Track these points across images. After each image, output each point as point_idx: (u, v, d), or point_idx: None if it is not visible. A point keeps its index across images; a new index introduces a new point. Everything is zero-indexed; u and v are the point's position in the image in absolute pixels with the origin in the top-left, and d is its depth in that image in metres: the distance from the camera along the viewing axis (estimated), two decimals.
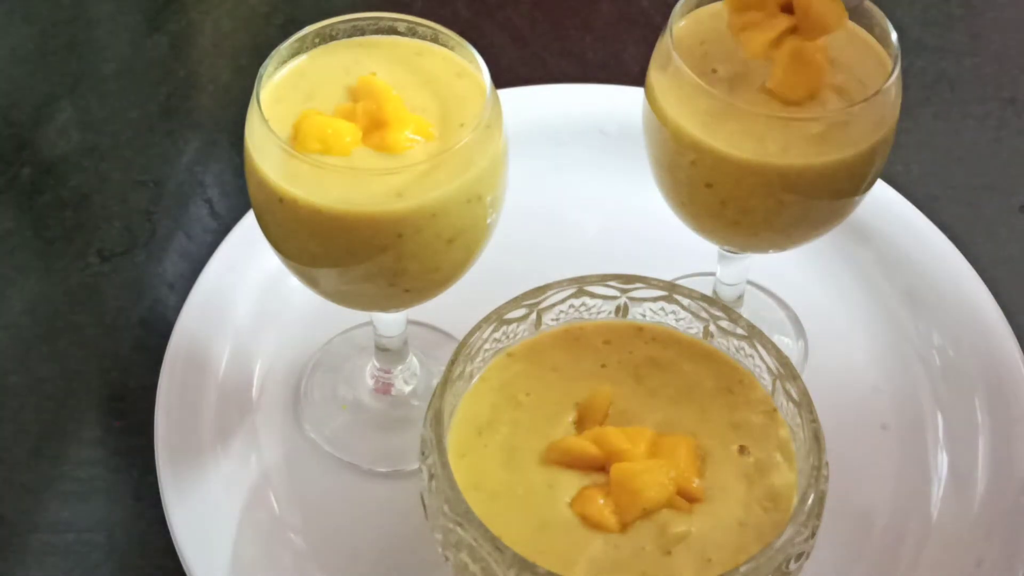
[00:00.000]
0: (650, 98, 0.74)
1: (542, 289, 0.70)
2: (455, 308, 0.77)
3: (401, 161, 0.66)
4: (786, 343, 0.86)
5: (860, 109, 0.69)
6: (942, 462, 0.80)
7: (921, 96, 1.05)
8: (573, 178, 0.96)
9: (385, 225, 0.65)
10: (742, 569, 0.59)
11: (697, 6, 0.75)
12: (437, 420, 0.64)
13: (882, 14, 0.73)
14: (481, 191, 0.67)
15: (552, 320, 0.71)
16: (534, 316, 0.70)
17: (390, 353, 0.82)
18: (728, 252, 0.82)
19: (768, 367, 0.68)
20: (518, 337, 0.70)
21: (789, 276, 0.90)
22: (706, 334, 0.70)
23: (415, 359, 0.84)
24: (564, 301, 0.70)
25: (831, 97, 0.71)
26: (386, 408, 0.83)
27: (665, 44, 0.72)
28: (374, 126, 0.67)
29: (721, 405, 0.68)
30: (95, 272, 0.91)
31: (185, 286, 0.87)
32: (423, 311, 0.79)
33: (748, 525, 0.63)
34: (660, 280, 0.70)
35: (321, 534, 0.76)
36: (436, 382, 0.67)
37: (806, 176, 0.70)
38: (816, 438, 0.64)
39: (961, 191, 0.98)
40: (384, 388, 0.83)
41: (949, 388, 0.84)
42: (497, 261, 0.75)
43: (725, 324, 0.69)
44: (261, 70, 0.68)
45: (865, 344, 0.87)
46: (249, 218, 0.88)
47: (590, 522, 0.62)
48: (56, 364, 0.86)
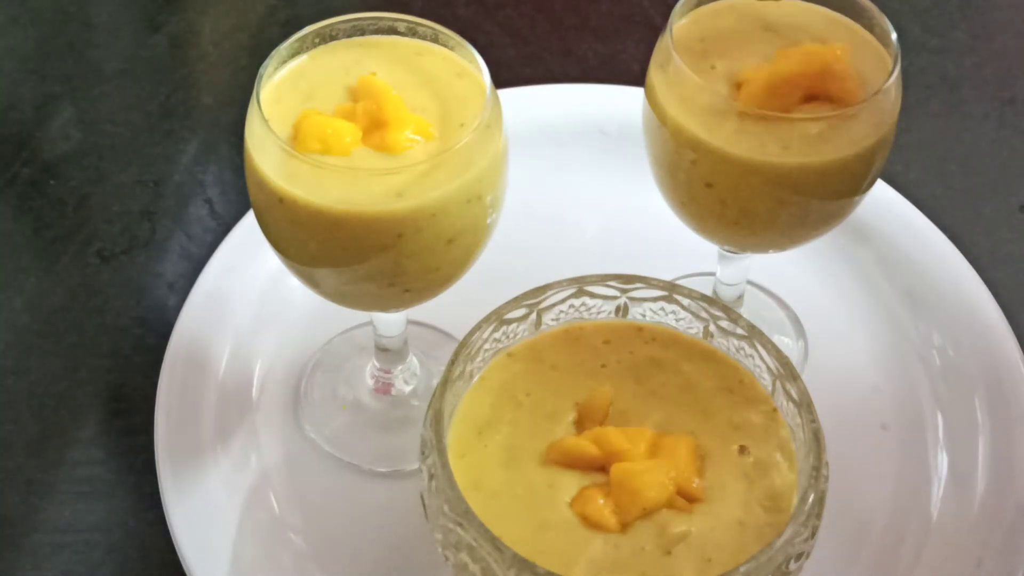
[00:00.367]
0: (650, 98, 0.74)
1: (542, 289, 0.70)
2: (455, 308, 0.77)
3: (401, 161, 0.66)
4: (786, 343, 0.86)
5: (860, 109, 0.69)
6: (942, 462, 0.80)
7: (921, 96, 1.05)
8: (573, 178, 0.96)
9: (385, 225, 0.65)
10: (742, 569, 0.59)
11: (697, 5, 0.75)
12: (437, 420, 0.64)
13: (882, 14, 0.73)
14: (481, 191, 0.67)
15: (552, 320, 0.71)
16: (534, 316, 0.70)
17: (390, 353, 0.82)
18: (728, 252, 0.82)
19: (768, 367, 0.68)
20: (518, 337, 0.70)
21: (789, 276, 0.90)
22: (706, 334, 0.70)
23: (415, 359, 0.84)
24: (564, 301, 0.70)
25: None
26: (386, 408, 0.83)
27: (665, 44, 0.72)
28: (374, 126, 0.67)
29: (721, 405, 0.68)
30: (95, 272, 0.91)
31: (185, 286, 0.87)
32: (423, 311, 0.79)
33: (748, 525, 0.63)
34: (660, 280, 0.70)
35: (321, 534, 0.76)
36: (436, 382, 0.67)
37: (806, 176, 0.70)
38: (816, 438, 0.64)
39: (961, 191, 0.98)
40: (384, 388, 0.83)
41: (949, 388, 0.84)
42: (497, 261, 0.75)
43: (725, 324, 0.69)
44: (261, 70, 0.68)
45: (865, 344, 0.87)
46: (249, 218, 0.88)
47: (590, 522, 0.62)
48: (56, 364, 0.86)
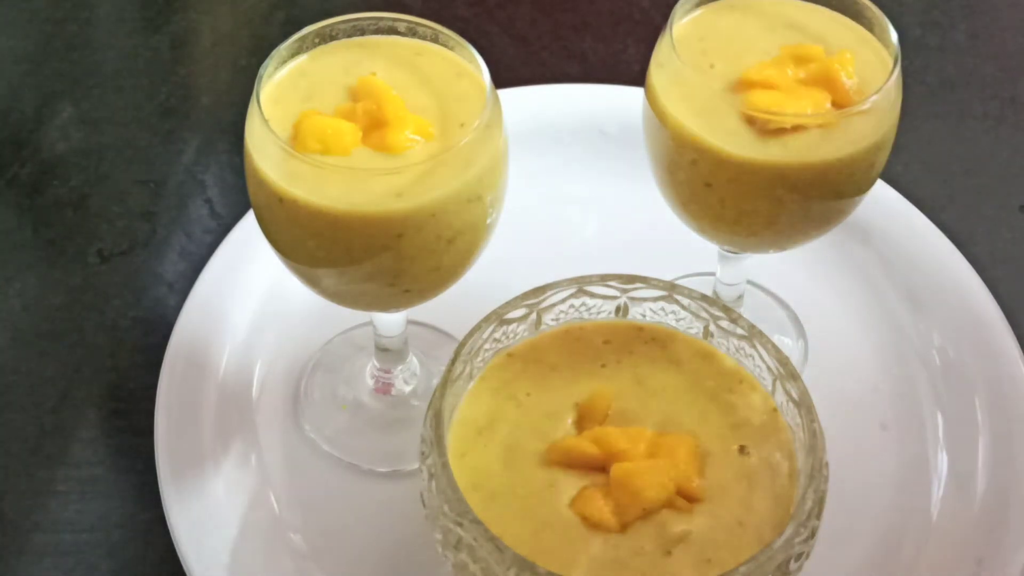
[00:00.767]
0: (650, 98, 0.74)
1: (542, 289, 0.70)
2: (455, 308, 0.77)
3: (401, 161, 0.66)
4: (786, 343, 0.86)
5: (860, 109, 0.69)
6: (942, 462, 0.80)
7: (921, 96, 1.05)
8: (573, 178, 0.96)
9: (385, 225, 0.65)
10: (742, 569, 0.59)
11: (697, 5, 0.75)
12: (437, 420, 0.64)
13: (882, 14, 0.73)
14: (481, 191, 0.67)
15: (552, 320, 0.71)
16: (534, 316, 0.70)
17: (390, 353, 0.82)
18: (728, 252, 0.82)
19: (768, 367, 0.68)
20: (518, 337, 0.70)
21: (789, 276, 0.90)
22: (706, 334, 0.70)
23: (415, 359, 0.84)
24: (564, 301, 0.70)
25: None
26: (386, 408, 0.83)
27: (665, 43, 0.72)
28: (374, 126, 0.67)
29: (721, 405, 0.68)
30: (95, 272, 0.91)
31: (185, 286, 0.87)
32: (423, 311, 0.79)
33: (748, 525, 0.63)
34: (660, 280, 0.70)
35: (321, 534, 0.76)
36: (436, 382, 0.67)
37: (806, 176, 0.70)
38: (816, 438, 0.64)
39: (961, 191, 0.98)
40: (384, 388, 0.83)
41: (949, 388, 0.84)
42: (497, 261, 0.75)
43: (725, 324, 0.69)
44: (261, 70, 0.68)
45: (865, 344, 0.87)
46: (249, 218, 0.88)
47: (590, 522, 0.62)
48: (56, 364, 0.86)
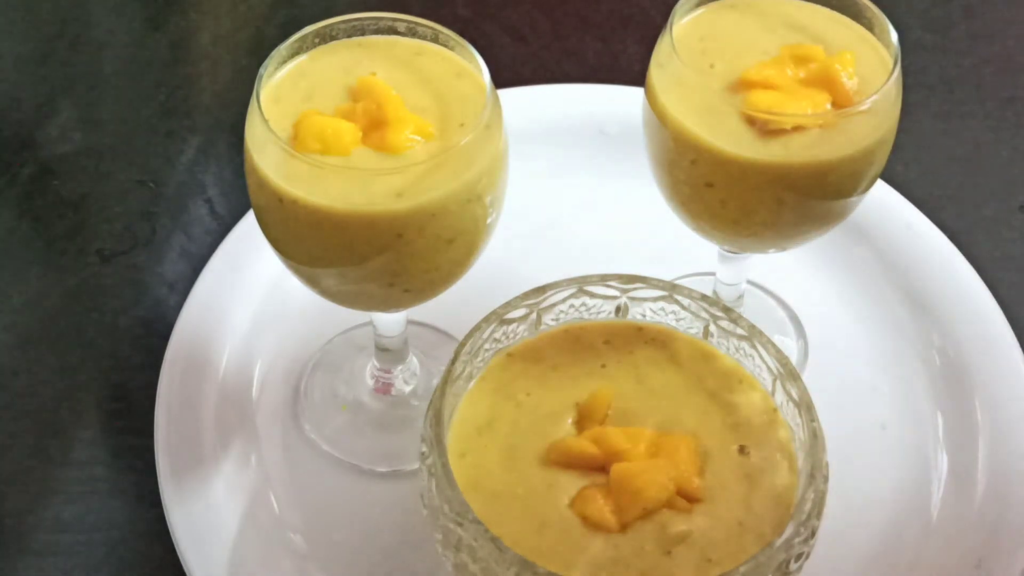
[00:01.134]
0: (650, 98, 0.74)
1: (542, 289, 0.70)
2: (455, 308, 0.77)
3: (401, 161, 0.66)
4: (786, 343, 0.86)
5: (860, 109, 0.69)
6: (942, 462, 0.80)
7: (921, 96, 1.05)
8: (573, 178, 0.96)
9: (385, 225, 0.65)
10: (742, 569, 0.59)
11: (697, 5, 0.75)
12: (437, 420, 0.64)
13: (882, 14, 0.73)
14: (481, 191, 0.67)
15: (552, 320, 0.71)
16: (534, 316, 0.70)
17: (390, 353, 0.82)
18: (728, 252, 0.82)
19: (768, 367, 0.68)
20: (518, 337, 0.70)
21: (789, 276, 0.90)
22: (706, 334, 0.70)
23: (415, 359, 0.84)
24: (564, 301, 0.70)
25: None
26: (386, 408, 0.83)
27: (665, 43, 0.72)
28: (374, 126, 0.67)
29: (721, 405, 0.68)
30: (95, 272, 0.91)
31: (185, 286, 0.87)
32: (423, 311, 0.79)
33: (748, 525, 0.63)
34: (660, 280, 0.70)
35: (321, 534, 0.76)
36: (436, 382, 0.67)
37: (806, 176, 0.70)
38: (816, 438, 0.64)
39: (961, 191, 0.98)
40: (384, 388, 0.83)
41: (949, 388, 0.84)
42: (497, 261, 0.75)
43: (725, 324, 0.69)
44: (261, 70, 0.68)
45: (865, 344, 0.87)
46: (249, 218, 0.88)
47: (590, 522, 0.62)
48: (56, 364, 0.86)
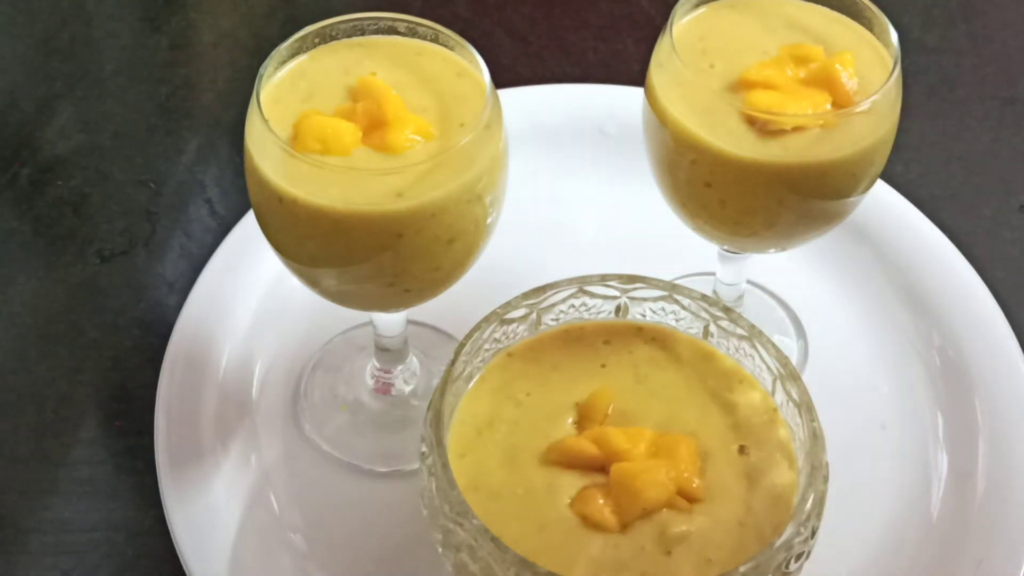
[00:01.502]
0: (650, 97, 0.74)
1: (542, 289, 0.70)
2: (455, 308, 0.77)
3: (401, 161, 0.66)
4: (786, 343, 0.86)
5: (860, 109, 0.69)
6: (942, 462, 0.80)
7: (921, 96, 1.05)
8: (573, 178, 0.96)
9: (385, 225, 0.65)
10: (742, 569, 0.59)
11: (697, 5, 0.75)
12: (437, 420, 0.64)
13: (882, 14, 0.73)
14: (481, 191, 0.67)
15: (552, 320, 0.71)
16: (534, 316, 0.70)
17: (390, 353, 0.82)
18: (728, 252, 0.82)
19: (768, 367, 0.68)
20: (518, 337, 0.70)
21: (789, 276, 0.90)
22: (706, 334, 0.70)
23: (415, 359, 0.84)
24: (564, 301, 0.70)
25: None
26: (386, 408, 0.83)
27: (665, 43, 0.72)
28: (374, 126, 0.67)
29: (721, 405, 0.68)
30: (95, 272, 0.91)
31: (185, 286, 0.87)
32: (423, 311, 0.79)
33: (748, 525, 0.63)
34: (660, 280, 0.70)
35: (321, 534, 0.76)
36: (436, 382, 0.67)
37: (806, 176, 0.70)
38: (816, 438, 0.64)
39: (961, 191, 0.98)
40: (384, 388, 0.83)
41: (949, 388, 0.84)
42: (497, 261, 0.75)
43: (725, 324, 0.69)
44: (261, 70, 0.68)
45: (865, 344, 0.87)
46: (249, 218, 0.88)
47: (590, 522, 0.62)
48: (56, 364, 0.86)
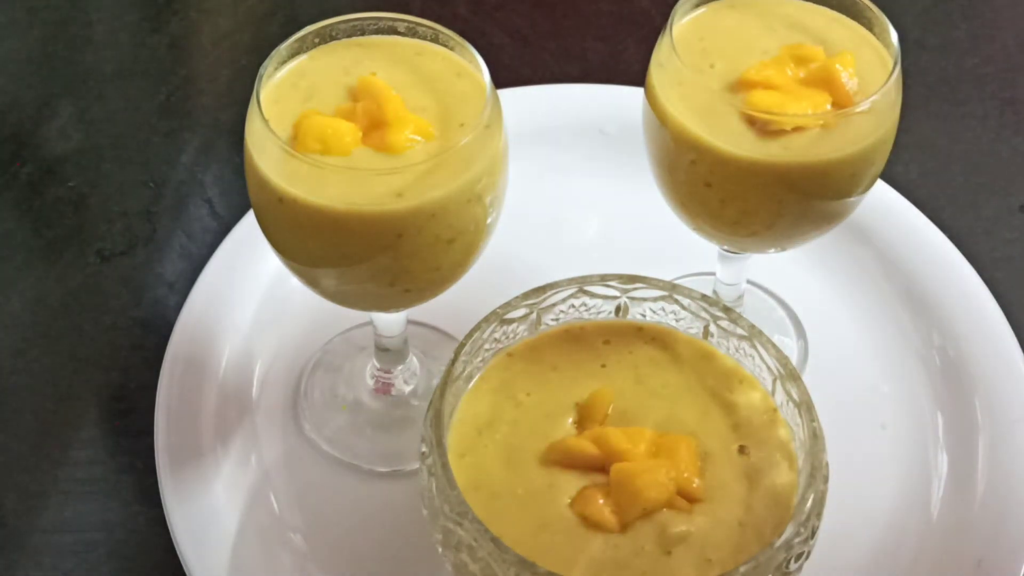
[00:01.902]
0: (650, 97, 0.74)
1: (542, 289, 0.70)
2: (455, 308, 0.77)
3: (401, 161, 0.66)
4: (786, 343, 0.86)
5: (860, 109, 0.69)
6: (942, 462, 0.80)
7: (921, 96, 1.05)
8: (573, 178, 0.96)
9: (385, 225, 0.65)
10: (742, 569, 0.59)
11: (697, 5, 0.75)
12: (437, 420, 0.64)
13: (882, 14, 0.73)
14: (481, 191, 0.67)
15: (552, 320, 0.71)
16: (534, 316, 0.70)
17: (390, 353, 0.82)
18: (728, 252, 0.82)
19: (768, 367, 0.68)
20: (518, 337, 0.70)
21: (789, 276, 0.90)
22: (706, 334, 0.70)
23: (415, 359, 0.84)
24: (564, 301, 0.70)
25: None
26: (386, 408, 0.83)
27: (665, 43, 0.72)
28: (374, 126, 0.67)
29: (721, 405, 0.68)
30: (95, 272, 0.91)
31: (185, 286, 0.87)
32: (423, 311, 0.79)
33: (748, 525, 0.63)
34: (660, 280, 0.70)
35: (321, 534, 0.76)
36: (436, 382, 0.67)
37: (806, 176, 0.70)
38: (816, 438, 0.64)
39: (961, 191, 0.98)
40: (384, 388, 0.83)
41: (949, 388, 0.84)
42: (497, 261, 0.75)
43: (725, 324, 0.69)
44: (261, 70, 0.68)
45: (865, 344, 0.87)
46: (249, 218, 0.88)
47: (590, 522, 0.62)
48: (56, 364, 0.86)
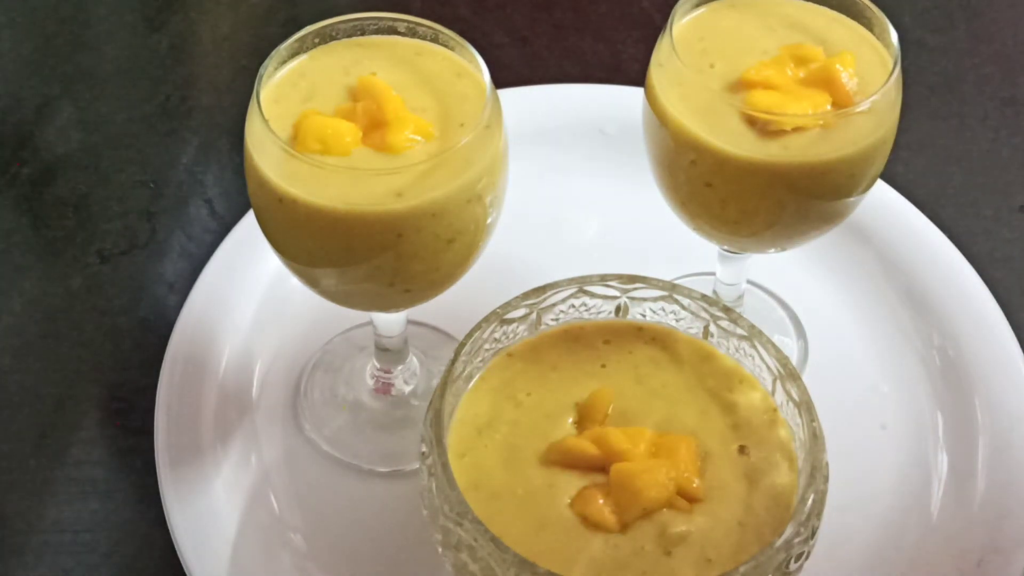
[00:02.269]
0: (650, 97, 0.74)
1: (542, 289, 0.70)
2: (455, 308, 0.77)
3: (401, 161, 0.66)
4: (786, 343, 0.86)
5: (860, 109, 0.69)
6: (942, 462, 0.80)
7: (921, 96, 1.05)
8: (573, 178, 0.96)
9: (385, 225, 0.65)
10: (742, 569, 0.59)
11: (697, 5, 0.75)
12: (437, 420, 0.64)
13: (882, 14, 0.73)
14: (481, 191, 0.67)
15: (552, 320, 0.71)
16: (534, 316, 0.70)
17: (390, 353, 0.82)
18: (728, 252, 0.82)
19: (768, 367, 0.68)
20: (518, 337, 0.70)
21: (789, 276, 0.90)
22: (706, 334, 0.70)
23: (415, 359, 0.84)
24: (564, 301, 0.70)
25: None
26: (386, 408, 0.83)
27: (665, 43, 0.72)
28: (374, 126, 0.67)
29: (721, 405, 0.68)
30: (95, 272, 0.91)
31: (185, 286, 0.87)
32: (423, 311, 0.79)
33: (748, 525, 0.63)
34: (660, 280, 0.70)
35: (321, 534, 0.76)
36: (436, 382, 0.67)
37: (806, 176, 0.70)
38: (816, 438, 0.64)
39: (961, 191, 0.98)
40: (384, 388, 0.83)
41: (949, 388, 0.84)
42: (497, 261, 0.75)
43: (725, 324, 0.69)
44: (261, 70, 0.68)
45: (865, 344, 0.87)
46: (249, 218, 0.88)
47: (590, 522, 0.62)
48: (56, 364, 0.86)
